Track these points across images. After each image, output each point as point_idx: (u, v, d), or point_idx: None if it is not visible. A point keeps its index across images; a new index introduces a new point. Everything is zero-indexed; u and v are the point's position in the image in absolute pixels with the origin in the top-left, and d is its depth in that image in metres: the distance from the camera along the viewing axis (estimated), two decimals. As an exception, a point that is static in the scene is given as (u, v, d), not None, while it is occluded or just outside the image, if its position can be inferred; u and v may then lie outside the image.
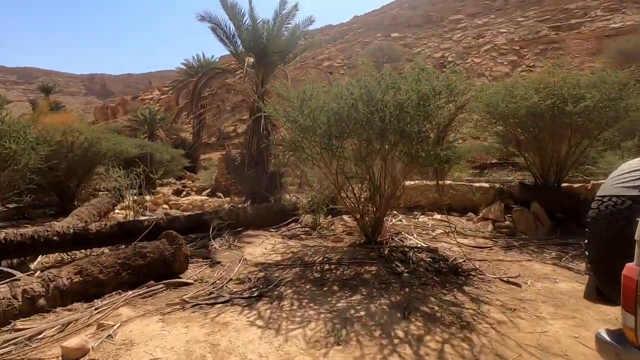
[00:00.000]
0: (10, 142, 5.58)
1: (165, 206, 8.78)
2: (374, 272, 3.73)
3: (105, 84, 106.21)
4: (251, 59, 6.66)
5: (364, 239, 4.89)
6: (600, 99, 5.27)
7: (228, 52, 8.40)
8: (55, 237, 4.06)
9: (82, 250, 4.55)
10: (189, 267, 3.85)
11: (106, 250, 4.65)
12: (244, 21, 7.24)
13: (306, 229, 5.99)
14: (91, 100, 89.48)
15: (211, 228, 5.05)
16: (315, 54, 47.21)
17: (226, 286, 3.41)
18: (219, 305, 2.94)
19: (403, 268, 3.80)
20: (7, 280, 3.53)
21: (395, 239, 4.97)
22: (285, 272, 3.81)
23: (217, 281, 3.54)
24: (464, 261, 4.10)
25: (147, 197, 9.19)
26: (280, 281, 3.53)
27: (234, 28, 7.34)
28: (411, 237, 5.06)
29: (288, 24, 7.56)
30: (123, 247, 4.45)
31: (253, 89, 7.34)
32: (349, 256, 4.22)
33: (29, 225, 6.70)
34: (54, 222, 5.80)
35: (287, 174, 8.71)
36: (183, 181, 14.00)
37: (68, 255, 4.54)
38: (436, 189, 4.45)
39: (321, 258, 4.20)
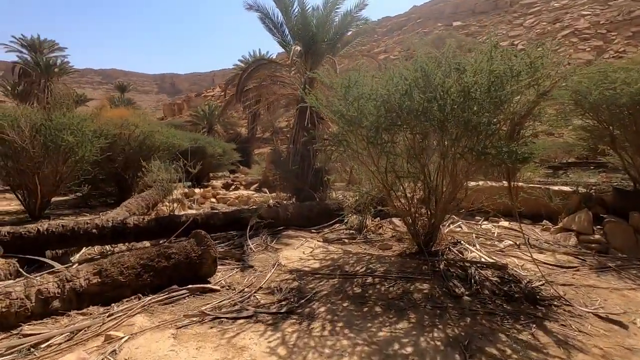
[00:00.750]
0: (68, 135, 5.81)
1: (213, 200, 8.82)
2: (426, 291, 3.11)
3: (174, 82, 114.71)
4: (298, 48, 6.26)
5: (416, 248, 4.25)
6: None
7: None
8: (94, 230, 4.03)
9: (125, 244, 4.53)
10: (218, 270, 3.57)
11: (147, 243, 4.59)
12: (292, 8, 6.87)
13: (351, 231, 5.48)
14: (161, 98, 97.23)
15: (248, 227, 4.76)
16: (371, 46, 46.03)
17: (254, 296, 3.04)
18: (241, 320, 2.57)
19: (463, 289, 3.13)
20: (47, 271, 3.53)
21: (454, 249, 4.26)
22: (321, 283, 3.35)
23: (246, 289, 3.18)
24: (543, 284, 3.30)
25: (197, 190, 9.33)
26: (314, 294, 3.08)
27: (281, 16, 7.01)
28: (473, 249, 4.30)
29: (338, 8, 7.03)
30: (162, 241, 4.34)
31: (300, 80, 6.96)
32: (396, 268, 3.64)
33: (87, 214, 7.05)
34: (108, 212, 5.97)
35: (333, 170, 8.25)
36: (235, 174, 14.22)
37: (111, 247, 4.55)
38: (507, 192, 3.66)
39: (364, 269, 3.67)
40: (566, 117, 5.67)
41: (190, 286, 3.05)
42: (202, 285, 3.11)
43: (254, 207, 5.87)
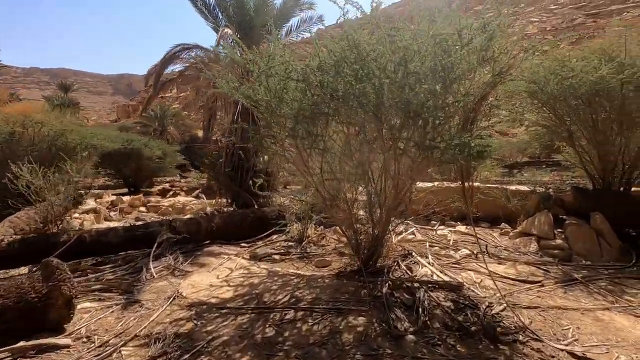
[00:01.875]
0: None
1: (143, 208, 7.67)
2: (360, 329, 2.36)
3: (131, 83, 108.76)
4: (228, 30, 5.40)
5: (358, 265, 3.53)
6: None
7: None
8: None
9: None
10: (89, 310, 2.62)
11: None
12: (225, -12, 6.00)
13: (290, 243, 4.68)
14: (118, 100, 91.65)
15: (156, 244, 3.81)
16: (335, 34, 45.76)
17: (120, 352, 2.14)
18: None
19: (407, 323, 2.41)
20: None
21: (402, 265, 3.57)
22: (225, 322, 2.50)
23: (112, 340, 2.27)
24: (505, 309, 2.67)
25: (125, 198, 8.13)
26: (208, 343, 2.22)
27: (213, -4, 6.13)
28: (425, 263, 3.64)
29: (280, -10, 6.26)
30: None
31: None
32: (328, 295, 2.87)
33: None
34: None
35: (283, 171, 7.43)
36: (187, 179, 12.95)
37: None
38: (461, 193, 3.02)
39: (288, 297, 2.86)
40: (522, 112, 5.25)
41: (21, 344, 2.08)
42: (43, 342, 2.15)
43: (169, 218, 4.90)
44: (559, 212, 4.82)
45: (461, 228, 5.53)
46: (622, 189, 4.79)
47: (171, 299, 2.84)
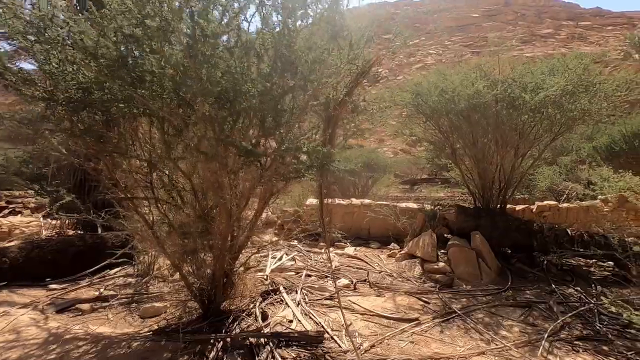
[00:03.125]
0: None
1: (-52, 234, 5.61)
2: None
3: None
4: None
5: (200, 311, 2.63)
6: (564, 88, 3.73)
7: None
8: None
9: None
10: None
11: None
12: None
13: (131, 280, 3.56)
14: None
15: None
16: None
17: None
18: None
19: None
20: None
21: (261, 305, 2.78)
22: None
23: None
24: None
25: None
26: None
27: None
28: (290, 301, 2.90)
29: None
30: None
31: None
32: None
33: None
34: None
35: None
36: (37, 194, 10.39)
37: None
38: (319, 210, 2.37)
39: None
40: (408, 126, 5.03)
41: None
42: None
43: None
44: (444, 231, 4.60)
45: (349, 250, 5.02)
46: (499, 207, 4.80)
47: None
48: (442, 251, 4.24)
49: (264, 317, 2.64)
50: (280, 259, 4.41)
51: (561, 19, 43.21)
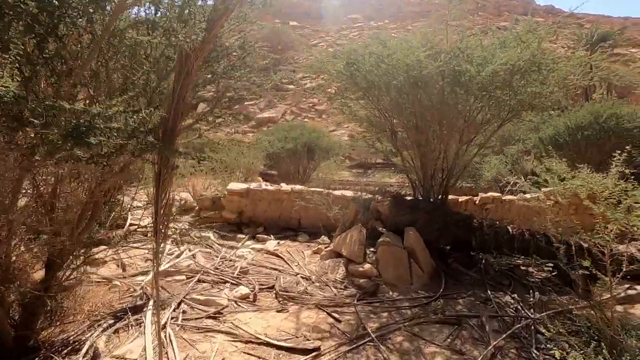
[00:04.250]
0: None
1: None
2: None
3: None
4: None
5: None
6: (516, 64, 3.18)
7: None
8: None
9: None
10: None
11: None
12: None
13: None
14: None
15: None
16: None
17: None
18: None
19: None
20: None
21: (108, 331, 1.98)
22: None
23: None
24: None
25: None
26: None
27: None
28: (149, 326, 2.12)
29: None
30: None
31: None
32: None
33: None
34: None
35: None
36: None
37: None
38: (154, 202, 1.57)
39: None
40: (340, 98, 4.32)
41: None
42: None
43: None
44: (376, 225, 4.01)
45: (271, 243, 4.31)
46: (440, 198, 4.29)
47: None
48: (373, 249, 3.65)
49: (95, 356, 1.84)
50: (179, 256, 3.59)
51: (518, 13, 44.60)
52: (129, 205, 4.81)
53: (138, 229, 3.56)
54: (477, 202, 5.10)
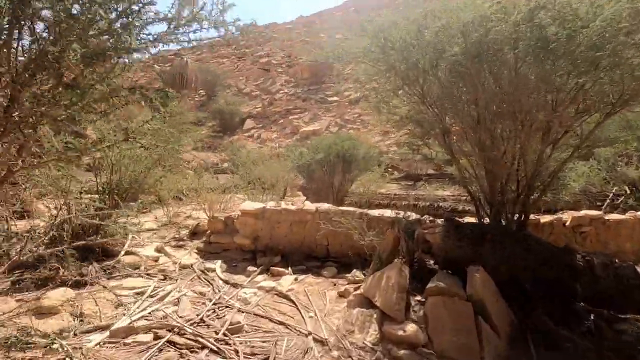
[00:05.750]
0: None
1: None
2: None
3: None
4: None
5: None
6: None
7: None
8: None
9: None
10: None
11: None
12: None
13: None
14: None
15: None
16: (256, 49, 43.51)
17: None
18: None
19: None
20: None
21: None
22: None
23: None
24: None
25: None
26: None
27: None
28: None
29: None
30: None
31: None
32: None
33: None
34: None
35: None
36: None
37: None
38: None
39: None
40: (373, 92, 3.34)
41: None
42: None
43: None
44: (424, 259, 2.89)
45: (287, 280, 3.36)
46: (519, 221, 3.05)
47: None
48: (419, 298, 2.54)
49: None
50: (163, 298, 2.79)
51: None
52: (131, 225, 4.21)
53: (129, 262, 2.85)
54: (567, 223, 3.74)
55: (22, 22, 1.20)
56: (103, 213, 3.53)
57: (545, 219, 3.83)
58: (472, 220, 3.80)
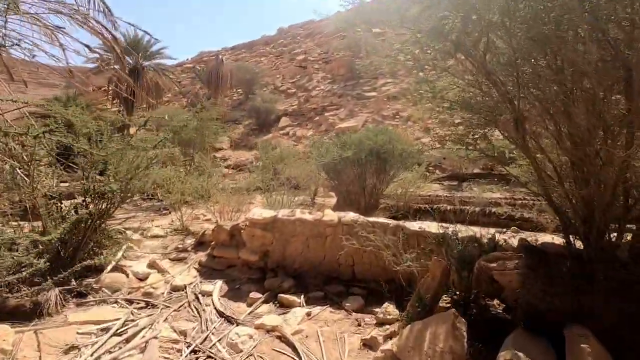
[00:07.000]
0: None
1: None
2: None
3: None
4: None
5: None
6: None
7: None
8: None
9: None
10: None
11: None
12: None
13: None
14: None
15: None
16: (293, 47, 43.32)
17: None
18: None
19: None
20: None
21: None
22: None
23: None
24: None
25: None
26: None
27: None
28: None
29: None
30: None
31: None
32: None
33: None
34: None
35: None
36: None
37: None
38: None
39: None
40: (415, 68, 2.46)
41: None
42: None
43: None
44: (490, 305, 1.98)
45: (297, 314, 2.58)
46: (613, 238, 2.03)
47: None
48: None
49: None
50: (128, 340, 2.12)
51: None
52: (120, 237, 3.63)
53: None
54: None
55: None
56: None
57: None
58: (547, 238, 2.81)
